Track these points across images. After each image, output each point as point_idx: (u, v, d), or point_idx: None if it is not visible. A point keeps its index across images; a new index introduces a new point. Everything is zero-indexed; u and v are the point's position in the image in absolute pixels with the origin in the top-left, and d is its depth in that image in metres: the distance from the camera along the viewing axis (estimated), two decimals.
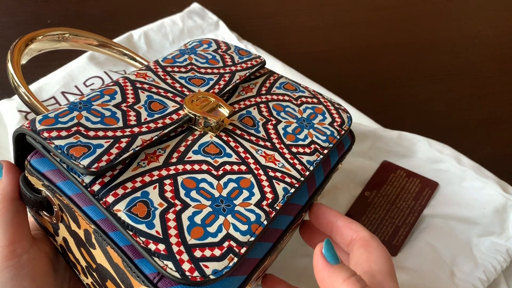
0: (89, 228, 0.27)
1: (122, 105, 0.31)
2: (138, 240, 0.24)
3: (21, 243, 0.30)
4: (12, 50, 0.36)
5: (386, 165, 0.53)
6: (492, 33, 0.83)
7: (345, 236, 0.33)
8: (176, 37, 0.66)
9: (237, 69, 0.38)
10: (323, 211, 0.34)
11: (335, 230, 0.33)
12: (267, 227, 0.28)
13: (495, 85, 0.71)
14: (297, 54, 0.72)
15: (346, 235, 0.33)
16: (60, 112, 0.29)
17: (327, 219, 0.34)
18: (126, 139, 0.28)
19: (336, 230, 0.33)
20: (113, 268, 0.27)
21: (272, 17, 0.80)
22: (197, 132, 0.32)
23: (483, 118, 0.65)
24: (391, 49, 0.76)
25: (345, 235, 0.33)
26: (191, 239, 0.25)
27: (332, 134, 0.36)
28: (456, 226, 0.47)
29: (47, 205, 0.30)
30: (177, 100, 0.33)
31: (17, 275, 0.29)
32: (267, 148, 0.33)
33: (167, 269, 0.24)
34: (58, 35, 0.40)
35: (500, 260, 0.44)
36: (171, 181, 0.28)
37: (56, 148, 0.26)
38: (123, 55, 0.44)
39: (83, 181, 0.26)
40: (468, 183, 0.50)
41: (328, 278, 0.27)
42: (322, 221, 0.34)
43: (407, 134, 0.54)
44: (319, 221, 0.35)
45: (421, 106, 0.66)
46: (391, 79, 0.70)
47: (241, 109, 0.35)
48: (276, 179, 0.31)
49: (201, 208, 0.27)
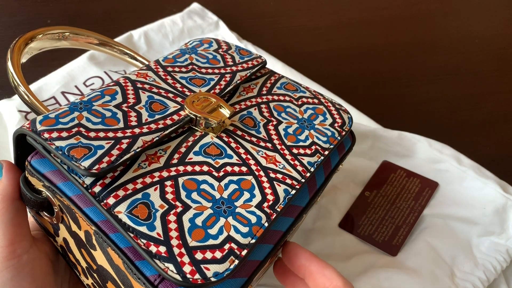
0: (90, 229, 0.27)
1: (123, 106, 0.31)
2: (139, 242, 0.24)
3: (21, 243, 0.30)
4: (12, 49, 0.35)
5: (386, 165, 0.53)
6: (492, 33, 0.83)
7: (318, 283, 0.30)
8: (176, 37, 0.66)
9: (238, 69, 0.38)
10: (296, 252, 0.32)
11: (308, 274, 0.31)
12: (268, 229, 0.28)
13: (495, 85, 0.71)
14: (297, 54, 0.72)
15: (319, 282, 0.30)
16: (61, 113, 0.29)
17: (299, 262, 0.32)
18: (127, 140, 0.28)
19: (309, 275, 0.31)
20: (114, 270, 0.27)
21: (272, 17, 0.80)
22: (198, 133, 0.32)
23: (483, 118, 0.65)
24: (391, 49, 0.76)
25: (318, 282, 0.30)
26: (192, 241, 0.25)
27: (333, 135, 0.36)
28: (456, 226, 0.47)
29: (48, 206, 0.30)
30: (178, 101, 0.33)
31: (17, 275, 0.29)
32: (268, 149, 0.33)
33: (168, 271, 0.23)
34: (59, 34, 0.40)
35: (500, 260, 0.44)
36: (172, 183, 0.28)
37: (57, 149, 0.26)
38: (124, 54, 0.44)
39: (84, 182, 0.26)
40: (468, 183, 0.50)
41: None
42: (295, 264, 0.32)
43: (407, 134, 0.54)
44: (291, 263, 0.32)
45: (421, 106, 0.66)
46: (391, 79, 0.70)
47: (242, 110, 0.35)
48: (277, 180, 0.31)
49: (202, 210, 0.27)
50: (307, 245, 0.45)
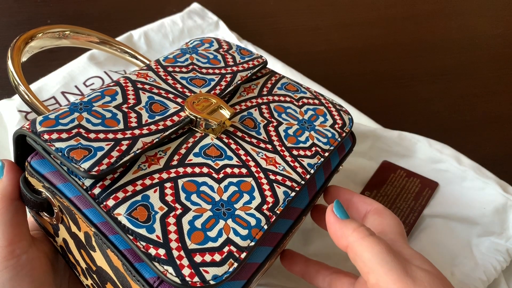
0: (89, 231, 0.27)
1: (123, 107, 0.31)
2: (138, 245, 0.24)
3: (20, 243, 0.30)
4: (12, 48, 0.35)
5: (386, 165, 0.53)
6: (492, 33, 0.83)
7: (360, 209, 0.35)
8: (176, 37, 0.66)
9: (238, 70, 0.38)
10: (338, 191, 0.37)
11: (350, 206, 0.36)
12: (267, 232, 0.28)
13: (495, 85, 0.71)
14: (297, 54, 0.72)
15: (361, 209, 0.35)
16: (61, 113, 0.29)
17: (343, 196, 0.37)
18: (127, 141, 0.28)
19: (351, 205, 0.36)
20: (113, 271, 0.27)
21: (272, 17, 0.79)
22: (198, 134, 0.32)
23: (483, 118, 0.65)
24: (391, 49, 0.76)
25: (360, 209, 0.35)
26: (191, 244, 0.25)
27: (333, 136, 0.36)
28: (456, 226, 0.47)
29: (47, 207, 0.30)
30: (178, 101, 0.33)
31: (16, 275, 0.29)
32: (268, 150, 0.33)
33: (167, 274, 0.23)
34: (59, 33, 0.40)
35: (500, 260, 0.44)
36: (172, 185, 0.28)
37: (57, 150, 0.26)
38: (124, 53, 0.44)
39: (83, 184, 0.26)
40: (468, 183, 0.50)
41: (340, 230, 0.29)
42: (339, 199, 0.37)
43: (407, 134, 0.54)
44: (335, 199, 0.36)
45: (421, 106, 0.66)
46: (391, 79, 0.70)
47: (242, 111, 0.35)
48: (276, 182, 0.31)
49: (201, 212, 0.27)
50: (307, 245, 0.45)
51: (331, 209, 0.30)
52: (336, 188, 0.37)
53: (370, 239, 0.28)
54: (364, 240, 0.28)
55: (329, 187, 0.38)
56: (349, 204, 0.36)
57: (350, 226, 0.29)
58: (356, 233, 0.28)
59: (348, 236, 0.29)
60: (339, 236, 0.29)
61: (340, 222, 0.30)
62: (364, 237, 0.28)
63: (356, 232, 0.28)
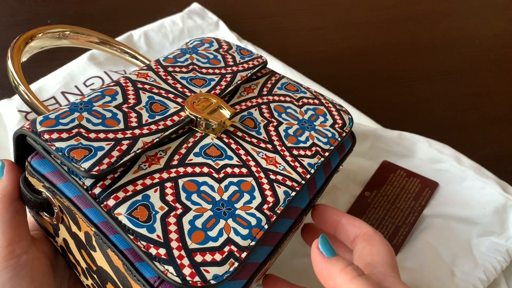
0: (90, 231, 0.27)
1: (123, 106, 0.31)
2: (139, 244, 0.24)
3: (20, 243, 0.30)
4: (12, 48, 0.35)
5: (386, 165, 0.53)
6: (492, 33, 0.83)
7: (349, 233, 0.34)
8: (176, 37, 0.66)
9: (238, 70, 0.38)
10: (326, 211, 0.35)
11: (339, 228, 0.34)
12: (268, 231, 0.28)
13: (495, 85, 0.71)
14: (297, 54, 0.72)
15: (350, 232, 0.33)
16: (61, 113, 0.29)
17: (330, 218, 0.35)
18: (127, 141, 0.28)
19: (340, 228, 0.34)
20: (114, 271, 0.27)
21: (272, 17, 0.79)
22: (198, 134, 0.32)
23: (483, 118, 0.65)
24: (391, 49, 0.76)
25: (349, 232, 0.34)
26: (192, 244, 0.25)
27: (333, 136, 0.36)
28: (456, 226, 0.47)
29: (48, 206, 0.30)
30: (178, 101, 0.33)
31: (16, 275, 0.29)
32: (268, 150, 0.33)
33: (168, 274, 0.23)
34: (59, 33, 0.40)
35: (500, 260, 0.44)
36: (172, 184, 0.28)
37: (57, 150, 0.26)
38: (124, 53, 0.44)
39: (84, 184, 0.26)
40: (468, 183, 0.50)
41: (326, 270, 0.28)
42: (326, 221, 0.35)
43: (407, 134, 0.54)
44: (323, 221, 0.35)
45: (421, 106, 0.66)
46: (391, 79, 0.70)
47: (242, 110, 0.35)
48: (277, 182, 0.31)
49: (202, 211, 0.27)
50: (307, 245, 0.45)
51: (316, 246, 0.29)
52: (324, 207, 0.36)
53: (358, 280, 0.26)
54: (352, 283, 0.26)
55: (317, 205, 0.36)
56: (337, 226, 0.35)
57: (337, 266, 0.27)
58: (344, 273, 0.27)
59: (335, 278, 0.27)
60: (326, 276, 0.28)
61: (326, 261, 0.28)
62: (352, 279, 0.26)
63: (344, 273, 0.27)
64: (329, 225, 0.35)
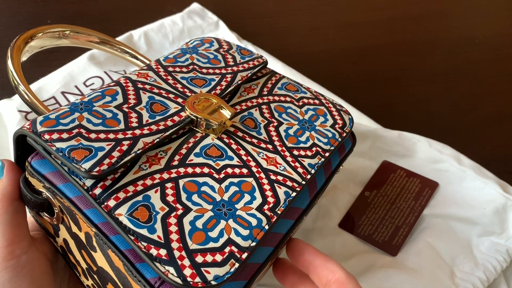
0: (90, 231, 0.27)
1: (123, 107, 0.31)
2: (139, 245, 0.24)
3: (20, 243, 0.29)
4: (12, 47, 0.35)
5: (386, 165, 0.53)
6: (492, 33, 0.83)
7: (321, 276, 0.31)
8: (176, 37, 0.66)
9: (239, 70, 0.38)
10: (300, 248, 0.33)
11: (312, 269, 0.32)
12: (268, 232, 0.28)
13: (495, 85, 0.71)
14: (297, 54, 0.72)
15: (322, 276, 0.31)
16: (61, 113, 0.29)
17: (304, 257, 0.33)
18: (128, 141, 0.28)
19: (313, 269, 0.32)
20: (114, 272, 0.27)
21: (272, 17, 0.79)
22: (199, 134, 0.32)
23: (483, 118, 0.65)
24: (391, 49, 0.76)
25: (321, 276, 0.31)
26: (192, 244, 0.25)
27: (333, 137, 0.36)
28: (456, 226, 0.47)
29: (48, 207, 0.30)
30: (178, 101, 0.33)
31: (16, 276, 0.29)
32: (269, 150, 0.33)
33: (168, 274, 0.23)
34: (59, 32, 0.40)
35: (500, 260, 0.44)
36: (173, 185, 0.28)
37: (57, 151, 0.26)
38: (124, 53, 0.44)
39: (84, 184, 0.26)
40: (468, 183, 0.50)
41: None
42: (299, 259, 0.33)
43: (407, 134, 0.54)
44: (296, 259, 0.33)
45: (421, 106, 0.66)
46: (391, 79, 0.70)
47: (242, 111, 0.35)
48: (277, 182, 0.31)
49: (202, 212, 0.27)
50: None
51: None
52: (299, 243, 0.33)
53: None
54: None
55: (293, 240, 0.34)
56: (309, 267, 0.32)
57: None
58: None
59: None
60: None
61: None
62: None
63: None
64: (302, 263, 0.33)
